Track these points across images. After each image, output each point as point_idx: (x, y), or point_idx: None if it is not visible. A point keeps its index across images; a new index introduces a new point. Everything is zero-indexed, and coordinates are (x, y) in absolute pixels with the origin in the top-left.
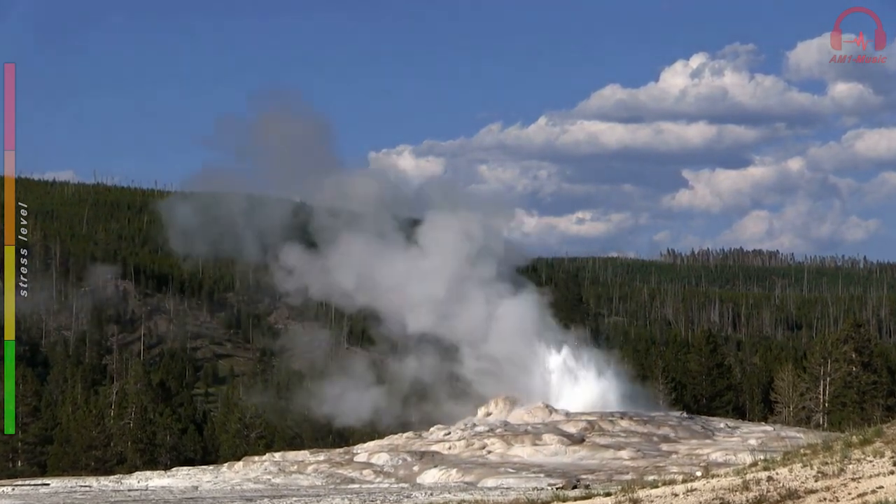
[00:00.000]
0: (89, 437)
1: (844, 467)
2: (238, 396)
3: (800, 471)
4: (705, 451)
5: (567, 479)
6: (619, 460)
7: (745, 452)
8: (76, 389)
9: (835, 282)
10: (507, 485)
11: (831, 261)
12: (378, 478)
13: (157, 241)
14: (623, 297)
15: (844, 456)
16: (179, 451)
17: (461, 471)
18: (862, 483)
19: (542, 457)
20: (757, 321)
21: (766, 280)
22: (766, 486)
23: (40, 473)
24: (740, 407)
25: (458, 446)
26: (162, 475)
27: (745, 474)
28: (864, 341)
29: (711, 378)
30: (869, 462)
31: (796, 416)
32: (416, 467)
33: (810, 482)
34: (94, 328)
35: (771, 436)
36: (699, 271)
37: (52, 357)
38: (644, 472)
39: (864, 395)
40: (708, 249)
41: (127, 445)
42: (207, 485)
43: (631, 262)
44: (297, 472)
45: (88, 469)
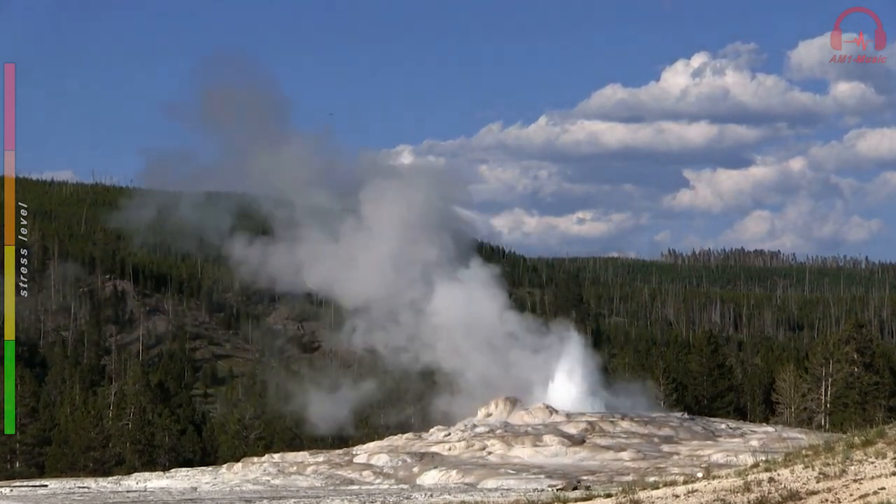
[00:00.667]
0: (87, 438)
1: (846, 468)
2: (237, 397)
3: (801, 472)
4: (706, 452)
5: (568, 480)
6: (619, 461)
7: (747, 453)
8: (74, 390)
9: (836, 282)
10: (508, 486)
11: (833, 261)
12: (378, 479)
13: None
14: (624, 297)
15: (846, 457)
16: (178, 452)
17: (461, 472)
18: (864, 484)
19: (542, 458)
20: (758, 322)
21: (768, 280)
22: (767, 487)
23: (38, 475)
24: (741, 408)
25: (458, 447)
26: (161, 476)
27: (746, 475)
28: (865, 342)
29: (712, 379)
30: (871, 463)
31: (798, 417)
32: (416, 468)
33: (812, 483)
34: (93, 328)
35: (772, 437)
36: (700, 271)
37: (51, 358)
38: (645, 473)
39: (865, 395)
40: (709, 249)
41: (125, 446)
42: (206, 486)
43: (632, 263)
44: (296, 473)
45: (87, 470)
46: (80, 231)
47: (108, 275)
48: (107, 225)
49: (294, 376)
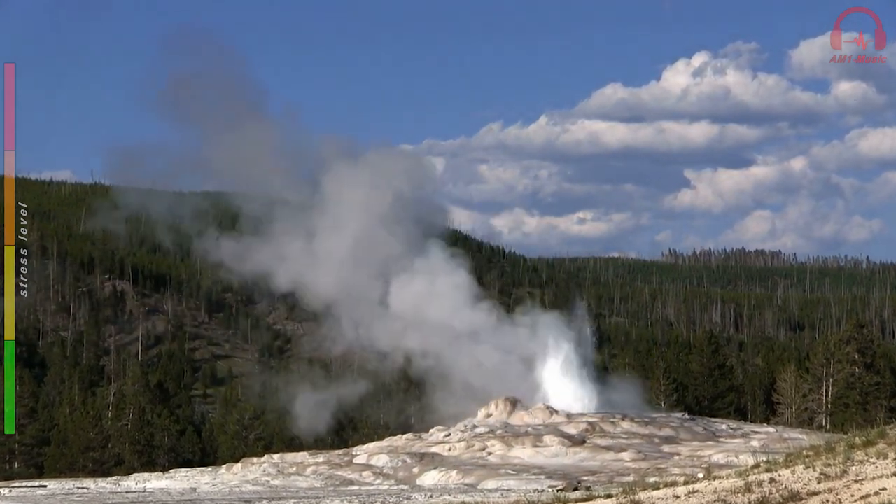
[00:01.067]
0: (87, 439)
1: (847, 469)
2: (237, 397)
3: (802, 472)
4: (707, 453)
5: (568, 480)
6: (620, 462)
7: (748, 454)
8: (73, 390)
9: (837, 282)
10: (508, 486)
11: (834, 261)
12: (377, 479)
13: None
14: (624, 297)
15: (847, 457)
16: (177, 453)
17: (461, 472)
18: (865, 485)
19: (542, 458)
20: (759, 322)
21: (769, 280)
22: (768, 487)
23: (37, 475)
24: (742, 408)
25: (458, 448)
26: (160, 477)
27: (747, 476)
28: (866, 342)
29: (713, 379)
30: (872, 464)
31: (799, 418)
32: (416, 469)
33: (813, 484)
34: (92, 329)
35: (773, 437)
36: (701, 272)
37: (50, 358)
38: (645, 474)
39: (866, 396)
40: (710, 249)
41: (125, 447)
42: (206, 487)
43: (632, 263)
44: (296, 473)
45: (86, 471)
46: (79, 231)
47: (107, 275)
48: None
49: (292, 376)
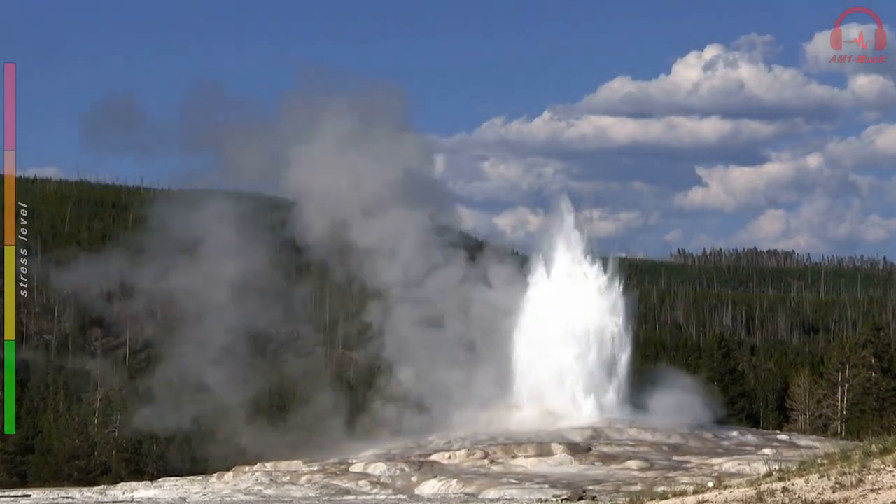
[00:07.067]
0: (72, 447)
1: (863, 478)
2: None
3: (816, 481)
4: (717, 461)
5: (573, 490)
6: (627, 470)
7: (760, 462)
8: (58, 396)
9: (853, 283)
10: (510, 496)
11: (850, 261)
12: (375, 489)
13: None
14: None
15: (863, 466)
16: (167, 461)
17: (462, 481)
18: (882, 494)
19: (546, 467)
20: (771, 324)
21: (782, 281)
22: (781, 497)
23: (20, 484)
24: (754, 415)
25: (459, 456)
26: (148, 486)
27: (759, 485)
28: (883, 345)
29: (724, 384)
30: (889, 472)
31: (813, 424)
32: (415, 478)
33: (827, 493)
34: (77, 332)
35: (786, 445)
36: (711, 272)
37: (33, 362)
38: (653, 483)
39: (883, 402)
40: (720, 249)
41: (112, 455)
42: (196, 496)
43: (640, 263)
44: (289, 482)
45: (71, 480)
46: (64, 230)
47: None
48: None
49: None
